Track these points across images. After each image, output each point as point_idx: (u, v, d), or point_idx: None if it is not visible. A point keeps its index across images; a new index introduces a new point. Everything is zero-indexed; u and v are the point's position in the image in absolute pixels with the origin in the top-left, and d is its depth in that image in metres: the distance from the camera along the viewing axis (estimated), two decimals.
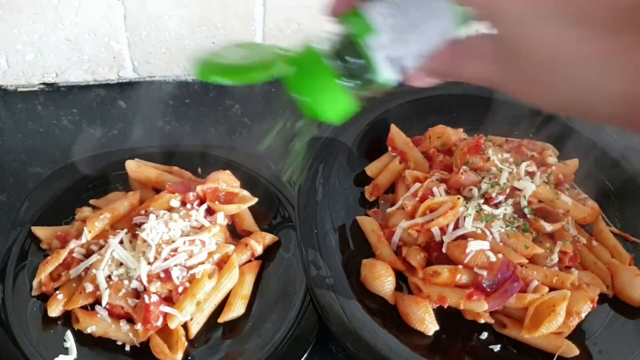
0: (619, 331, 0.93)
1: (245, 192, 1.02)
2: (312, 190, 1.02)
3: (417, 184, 1.01)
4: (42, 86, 1.25)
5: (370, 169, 1.09)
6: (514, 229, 0.95)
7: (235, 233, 1.02)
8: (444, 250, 0.94)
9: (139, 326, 0.87)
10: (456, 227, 0.94)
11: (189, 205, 0.99)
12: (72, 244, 0.94)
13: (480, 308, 0.90)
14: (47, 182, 1.05)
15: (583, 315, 0.90)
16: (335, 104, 0.53)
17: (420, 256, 0.95)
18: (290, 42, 1.25)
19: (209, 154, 1.09)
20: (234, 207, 0.99)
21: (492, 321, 0.92)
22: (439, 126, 1.10)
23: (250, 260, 0.98)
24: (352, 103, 0.54)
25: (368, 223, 1.01)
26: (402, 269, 0.96)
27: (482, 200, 0.97)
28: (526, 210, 0.97)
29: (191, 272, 0.91)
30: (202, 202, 1.00)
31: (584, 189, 1.09)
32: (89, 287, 0.90)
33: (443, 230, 0.94)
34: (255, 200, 1.01)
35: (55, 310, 0.90)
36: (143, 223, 0.95)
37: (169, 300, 0.90)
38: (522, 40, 0.43)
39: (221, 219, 0.99)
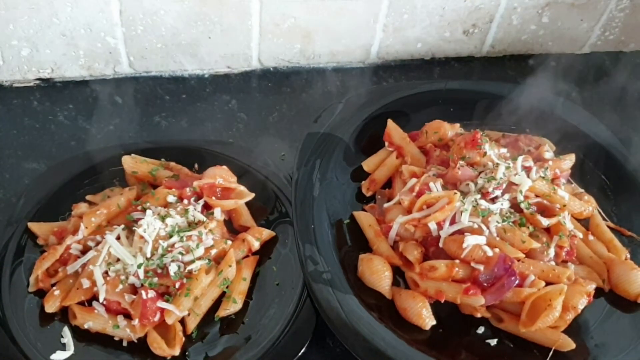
0: (615, 325, 0.94)
1: (242, 188, 1.02)
2: (309, 185, 1.02)
3: (414, 179, 1.01)
4: (37, 82, 1.25)
5: (367, 164, 1.09)
6: (510, 223, 0.95)
7: (233, 228, 1.02)
8: (440, 245, 0.94)
9: (136, 322, 0.87)
10: (453, 222, 0.94)
11: (185, 201, 0.99)
12: (69, 240, 0.94)
13: (477, 302, 0.90)
14: (44, 178, 1.04)
15: (579, 309, 0.90)
16: None
17: (417, 251, 0.95)
18: (287, 37, 1.25)
19: (206, 149, 1.09)
20: (231, 202, 0.99)
21: (488, 315, 0.92)
22: (435, 121, 1.10)
23: (247, 256, 0.98)
24: None
25: (365, 218, 1.01)
26: (399, 264, 0.96)
27: (478, 195, 0.97)
28: (523, 205, 0.97)
29: (188, 267, 0.91)
30: (199, 198, 1.00)
31: (580, 184, 1.09)
32: (86, 283, 0.90)
33: (440, 225, 0.95)
34: (252, 195, 1.01)
35: (52, 306, 0.90)
36: (140, 219, 0.95)
37: (166, 295, 0.90)
38: None
39: (218, 214, 0.99)
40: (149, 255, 0.91)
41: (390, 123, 1.10)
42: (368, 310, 0.90)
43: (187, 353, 0.89)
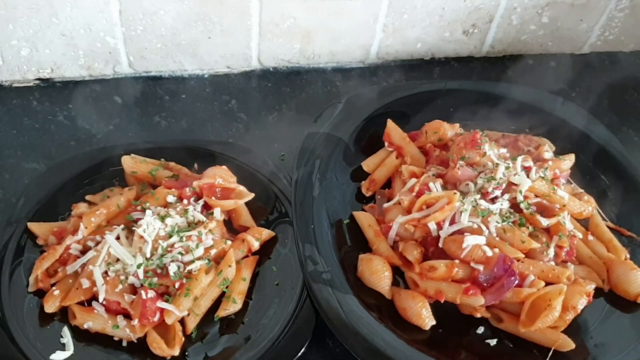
0: (615, 325, 0.94)
1: (241, 188, 1.02)
2: (309, 185, 1.02)
3: (414, 179, 1.01)
4: (37, 81, 1.25)
5: (367, 164, 1.09)
6: (510, 223, 0.95)
7: (232, 228, 1.02)
8: (440, 245, 0.94)
9: (135, 322, 0.87)
10: (452, 222, 0.94)
11: (185, 201, 0.99)
12: (69, 240, 0.94)
13: (476, 303, 0.90)
14: (43, 178, 1.04)
15: (579, 309, 0.90)
16: None
17: (417, 251, 0.95)
18: (286, 37, 1.25)
19: (206, 149, 1.09)
20: (230, 202, 0.99)
21: (488, 315, 0.92)
22: (435, 121, 1.10)
23: (247, 256, 0.98)
24: None
25: (365, 218, 1.01)
26: (398, 264, 0.96)
27: (478, 195, 0.97)
28: (522, 205, 0.97)
29: (188, 268, 0.91)
30: (198, 198, 1.00)
31: (580, 184, 1.09)
32: (86, 283, 0.90)
33: (439, 225, 0.95)
34: (252, 195, 1.01)
35: (51, 306, 0.90)
36: (139, 219, 0.95)
37: (165, 295, 0.90)
38: None
39: (218, 214, 0.99)
40: (148, 255, 0.91)
41: (390, 123, 1.10)
42: (368, 310, 0.90)
43: (186, 353, 0.89)
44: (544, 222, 0.96)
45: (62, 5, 1.13)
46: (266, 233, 1.00)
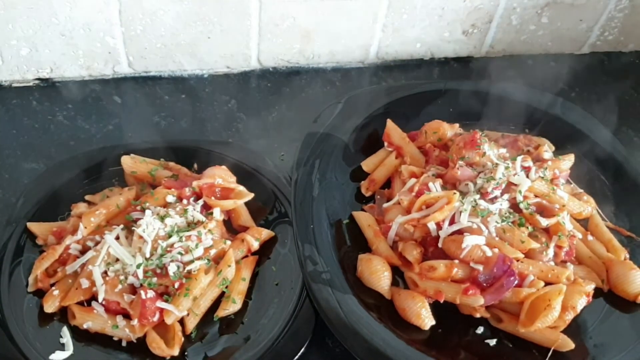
0: (614, 325, 0.94)
1: (241, 188, 1.02)
2: (309, 185, 1.02)
3: (413, 179, 1.01)
4: (37, 81, 1.25)
5: (367, 164, 1.09)
6: (509, 223, 0.95)
7: (232, 228, 1.02)
8: (440, 245, 0.94)
9: (135, 322, 0.87)
10: (452, 222, 0.94)
11: (185, 201, 0.99)
12: (68, 240, 0.94)
13: (476, 303, 0.90)
14: (43, 177, 1.04)
15: (578, 309, 0.90)
16: None
17: (416, 251, 0.95)
18: (286, 36, 1.25)
19: (205, 149, 1.09)
20: (230, 202, 0.99)
21: (488, 315, 0.92)
22: (435, 121, 1.10)
23: (246, 256, 0.98)
24: None
25: (364, 218, 1.01)
26: (398, 264, 0.96)
27: (478, 195, 0.97)
28: (522, 205, 0.97)
29: (188, 267, 0.91)
30: (198, 198, 1.00)
31: (579, 184, 1.09)
32: (85, 283, 0.90)
33: (439, 225, 0.95)
34: (251, 195, 1.01)
35: (51, 306, 0.90)
36: (139, 219, 0.95)
37: (165, 295, 0.90)
38: None
39: (217, 214, 0.99)
40: (148, 255, 0.91)
41: (389, 123, 1.10)
42: (367, 310, 0.90)
43: (186, 353, 0.89)
44: (544, 222, 0.96)
45: (62, 5, 1.12)
46: (266, 233, 1.00)
